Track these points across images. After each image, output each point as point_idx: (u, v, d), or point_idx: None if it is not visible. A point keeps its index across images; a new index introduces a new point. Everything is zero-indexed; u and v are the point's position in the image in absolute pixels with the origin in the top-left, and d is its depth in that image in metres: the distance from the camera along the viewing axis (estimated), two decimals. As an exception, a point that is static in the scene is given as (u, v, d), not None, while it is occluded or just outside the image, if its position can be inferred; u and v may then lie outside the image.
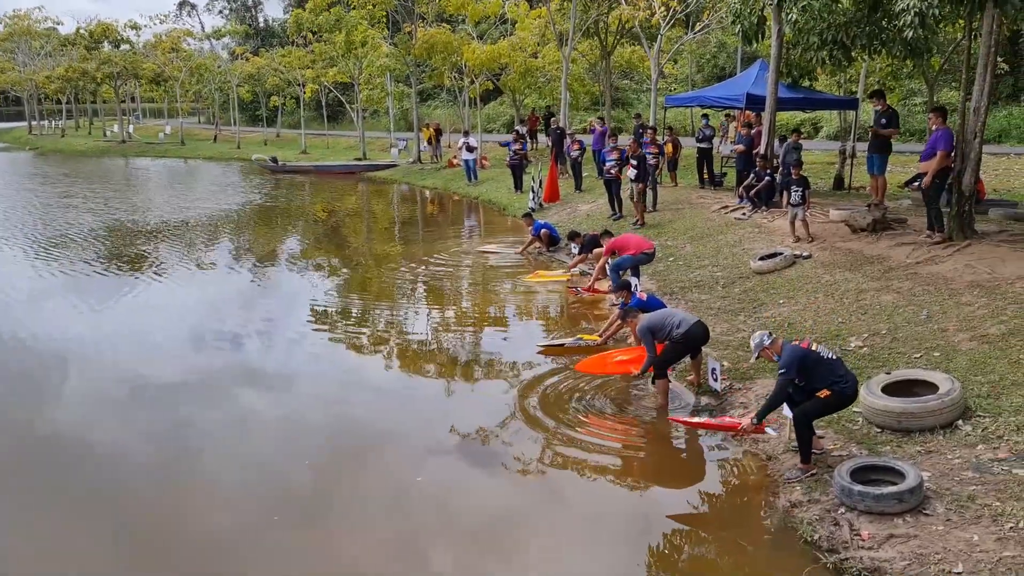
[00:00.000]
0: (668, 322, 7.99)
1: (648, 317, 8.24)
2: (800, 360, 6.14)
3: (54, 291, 13.63)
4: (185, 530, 6.16)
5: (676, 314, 8.18)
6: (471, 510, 6.41)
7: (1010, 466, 5.74)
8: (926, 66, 16.74)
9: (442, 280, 13.93)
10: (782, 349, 6.34)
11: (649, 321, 8.13)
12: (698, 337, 8.02)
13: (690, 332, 7.90)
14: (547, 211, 18.66)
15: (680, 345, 7.98)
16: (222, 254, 16.88)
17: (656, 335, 8.01)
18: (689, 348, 8.10)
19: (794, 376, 6.14)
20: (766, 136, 15.07)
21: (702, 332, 8.05)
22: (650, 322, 8.11)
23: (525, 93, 31.76)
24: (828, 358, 6.23)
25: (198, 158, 41.24)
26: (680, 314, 8.19)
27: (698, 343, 8.10)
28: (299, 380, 9.33)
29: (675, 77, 36.36)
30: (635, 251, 11.14)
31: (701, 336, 8.05)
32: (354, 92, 36.24)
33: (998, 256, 9.65)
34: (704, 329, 8.08)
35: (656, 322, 8.07)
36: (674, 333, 7.91)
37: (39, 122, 61.67)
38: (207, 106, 58.46)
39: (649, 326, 8.07)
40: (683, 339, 7.91)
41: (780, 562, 5.50)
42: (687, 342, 7.97)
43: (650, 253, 11.30)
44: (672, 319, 8.03)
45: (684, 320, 7.99)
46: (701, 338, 8.07)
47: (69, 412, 8.49)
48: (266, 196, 26.73)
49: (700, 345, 8.17)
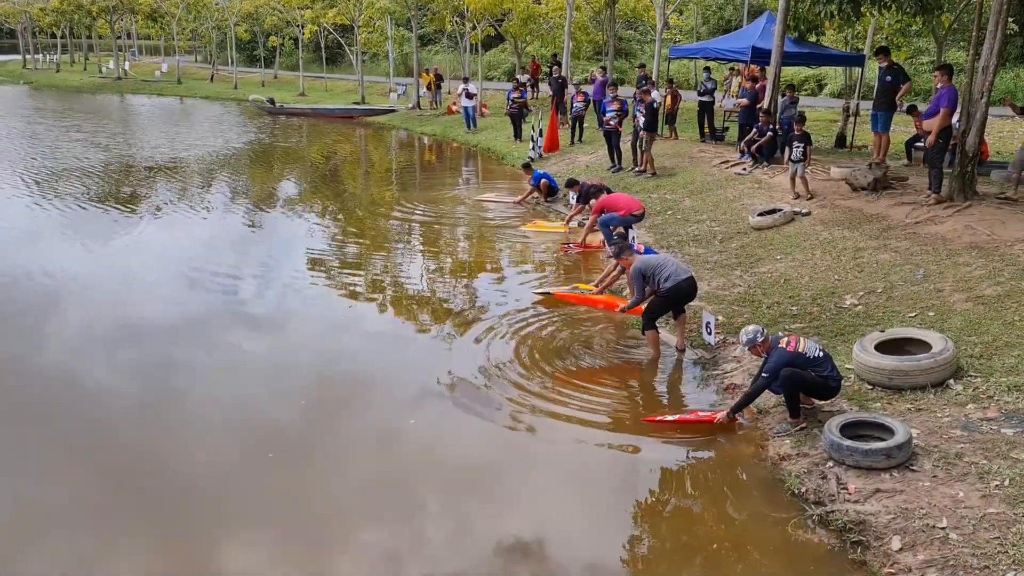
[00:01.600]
0: (659, 271, 7.79)
1: (643, 259, 8.08)
2: (784, 366, 6.15)
3: (45, 228, 13.53)
4: (170, 468, 6.19)
5: (669, 263, 7.91)
6: (461, 454, 6.45)
7: (999, 425, 5.78)
8: (936, 23, 16.46)
9: (438, 228, 13.85)
10: (771, 348, 6.34)
11: (644, 263, 7.95)
12: (683, 293, 7.82)
13: (677, 287, 7.72)
14: (546, 161, 18.50)
15: (664, 299, 7.86)
16: (218, 195, 16.75)
17: (647, 279, 7.86)
18: (673, 303, 7.96)
19: (774, 381, 6.19)
20: (770, 91, 14.88)
21: (688, 288, 7.82)
22: (644, 264, 7.92)
23: (527, 40, 31.27)
24: (815, 356, 6.23)
25: (195, 97, 40.68)
26: (673, 265, 7.90)
27: (682, 299, 7.94)
28: (292, 324, 9.31)
29: (680, 28, 35.79)
30: (624, 212, 11.08)
31: (686, 292, 7.84)
32: (353, 34, 35.66)
33: (998, 218, 9.60)
34: (692, 285, 7.86)
35: (651, 265, 7.87)
36: (662, 285, 7.74)
37: (33, 56, 60.57)
38: (204, 45, 57.46)
39: (642, 269, 7.88)
40: (668, 293, 7.77)
41: (766, 513, 5.56)
42: (672, 296, 7.82)
43: (639, 215, 11.24)
44: (664, 268, 7.80)
45: (674, 273, 7.75)
46: (686, 294, 7.87)
47: (55, 349, 8.47)
48: (263, 138, 26.45)
49: (685, 302, 8.01)
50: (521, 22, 27.73)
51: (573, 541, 5.38)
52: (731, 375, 7.54)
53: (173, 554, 5.25)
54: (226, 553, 5.30)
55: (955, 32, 18.89)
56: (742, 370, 7.49)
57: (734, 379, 7.42)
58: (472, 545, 5.36)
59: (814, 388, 6.32)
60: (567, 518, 5.62)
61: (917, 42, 22.94)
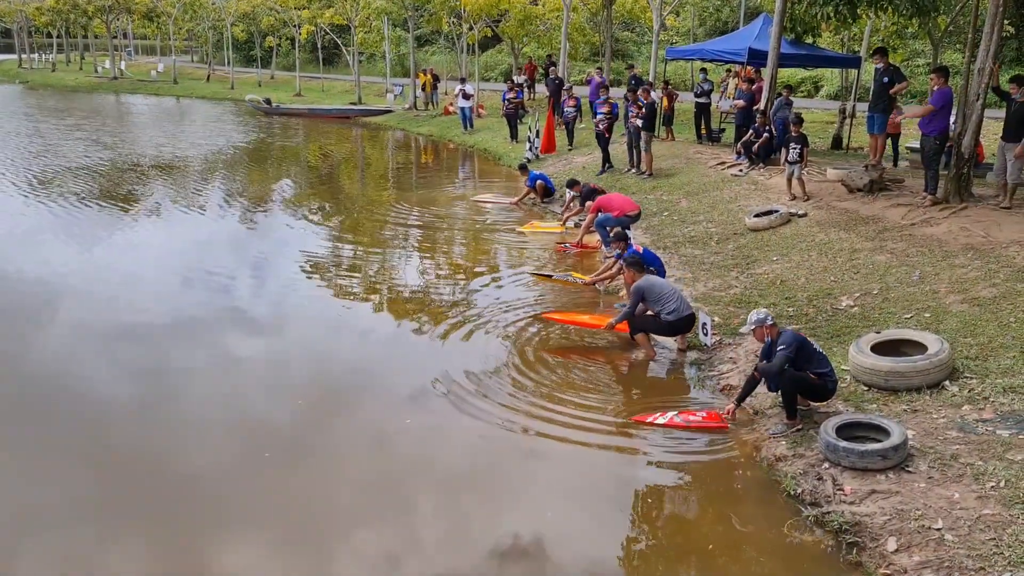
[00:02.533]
0: (664, 302, 7.81)
1: (650, 281, 8.01)
2: (800, 343, 6.23)
3: (42, 228, 13.48)
4: (168, 467, 6.17)
5: (675, 298, 7.90)
6: (458, 453, 6.44)
7: (994, 427, 5.78)
8: (932, 25, 16.49)
9: (435, 229, 13.84)
10: (779, 334, 6.37)
11: (649, 286, 7.92)
12: (679, 329, 7.99)
13: (677, 323, 7.87)
14: (543, 162, 18.50)
15: (662, 326, 7.94)
16: (214, 195, 16.71)
17: (646, 302, 7.92)
18: (667, 333, 8.08)
19: (793, 354, 6.18)
20: (766, 92, 14.89)
21: (685, 325, 7.97)
22: (649, 287, 7.91)
23: (524, 41, 31.26)
24: (819, 350, 6.39)
25: (191, 97, 40.64)
26: (677, 300, 7.90)
27: (677, 333, 8.06)
28: (288, 323, 9.30)
29: (676, 30, 35.84)
30: (618, 213, 11.13)
31: (683, 328, 8.00)
32: (350, 35, 35.62)
33: (994, 219, 9.62)
34: (689, 322, 7.98)
35: (654, 292, 7.88)
36: (663, 316, 7.84)
37: (29, 55, 60.42)
38: (201, 45, 57.37)
39: (644, 291, 7.89)
40: (667, 325, 7.89)
41: (762, 514, 5.56)
42: (668, 328, 7.96)
43: (633, 216, 11.27)
44: (669, 302, 7.82)
45: (678, 309, 7.82)
46: (682, 330, 8.02)
47: (52, 348, 8.44)
48: (259, 138, 26.42)
49: (678, 334, 8.11)
50: (518, 23, 27.69)
51: (570, 541, 5.37)
52: (727, 376, 7.53)
53: (171, 552, 5.23)
54: (224, 551, 5.29)
55: (951, 34, 18.95)
56: (738, 371, 7.49)
57: (730, 380, 7.42)
58: (470, 545, 5.34)
59: (812, 390, 6.33)
60: (563, 518, 5.61)
61: (913, 44, 22.97)
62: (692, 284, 9.76)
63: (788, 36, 15.58)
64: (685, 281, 9.87)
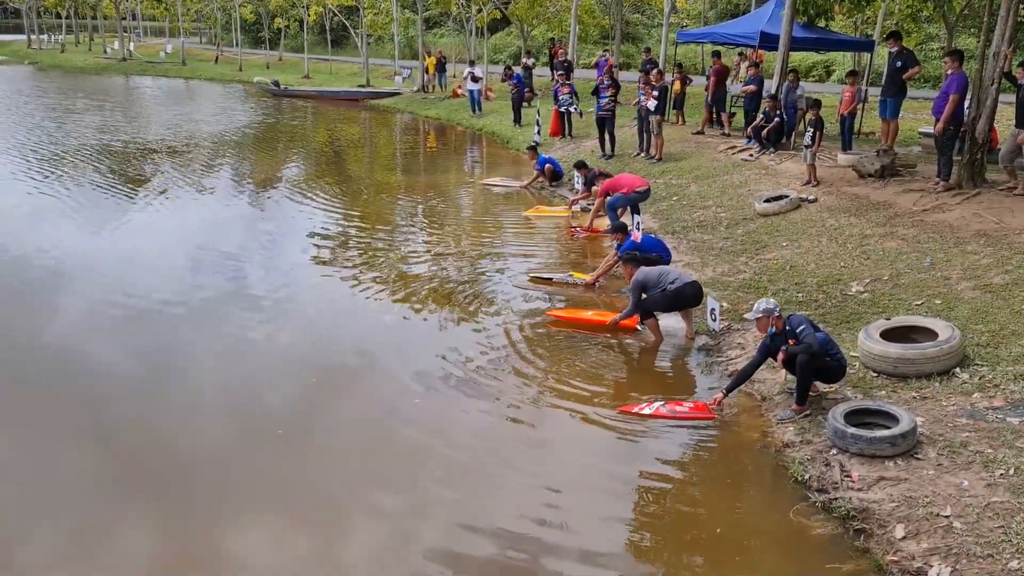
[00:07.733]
0: (664, 276, 7.93)
1: (645, 271, 8.09)
2: (812, 325, 6.23)
3: (50, 209, 13.48)
4: (176, 447, 6.19)
5: (672, 272, 8.09)
6: (465, 434, 6.42)
7: (1004, 414, 5.74)
8: (947, 8, 16.31)
9: (442, 212, 13.80)
10: (785, 323, 6.34)
11: (645, 275, 8.01)
12: (687, 297, 7.92)
13: (681, 290, 7.84)
14: (551, 145, 18.39)
15: (668, 297, 7.90)
16: (222, 178, 16.70)
17: (647, 291, 7.94)
18: (675, 304, 8.01)
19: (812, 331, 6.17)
20: (778, 76, 14.76)
21: (692, 293, 7.93)
22: (645, 276, 8.00)
23: (533, 24, 31.07)
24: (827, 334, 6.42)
25: (199, 79, 40.57)
26: (676, 272, 8.11)
27: (685, 302, 8.00)
28: (296, 306, 9.28)
29: (687, 13, 35.57)
30: (627, 190, 11.07)
31: (690, 296, 7.94)
32: (359, 16, 35.46)
33: (1007, 206, 9.53)
34: (696, 291, 7.96)
35: (651, 278, 7.97)
36: (668, 287, 7.85)
37: (38, 36, 60.40)
38: (209, 26, 57.26)
39: (643, 281, 7.97)
40: (673, 294, 7.86)
41: (769, 500, 5.54)
42: (675, 298, 7.90)
43: (643, 191, 11.19)
44: (669, 274, 7.98)
45: (680, 277, 7.93)
46: (690, 298, 7.96)
47: (58, 329, 8.45)
48: (268, 120, 26.37)
49: (687, 306, 8.06)
50: (527, 5, 27.51)
51: (575, 524, 5.35)
52: (735, 362, 7.49)
53: (178, 532, 5.24)
54: (233, 531, 5.29)
55: (966, 18, 18.72)
56: (746, 357, 7.44)
57: (738, 365, 7.38)
58: (476, 524, 5.32)
59: (826, 372, 6.30)
60: (568, 502, 5.59)
61: (927, 28, 22.72)
62: (701, 269, 9.71)
63: (800, 19, 15.42)
64: (694, 266, 9.82)
